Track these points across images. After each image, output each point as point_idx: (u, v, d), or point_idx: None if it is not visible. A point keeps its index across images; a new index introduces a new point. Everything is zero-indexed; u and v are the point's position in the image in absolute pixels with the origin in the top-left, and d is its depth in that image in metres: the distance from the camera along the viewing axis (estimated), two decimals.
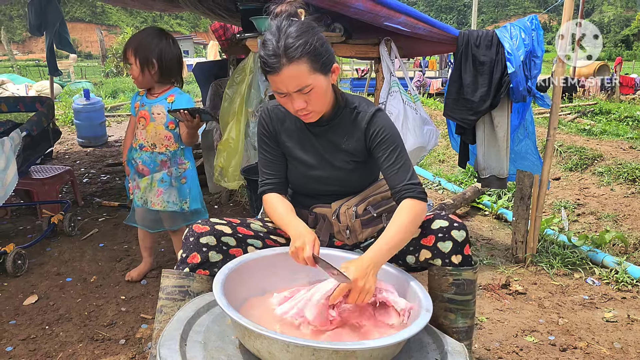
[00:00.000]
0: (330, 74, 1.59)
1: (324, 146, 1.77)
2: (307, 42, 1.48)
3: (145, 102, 2.58)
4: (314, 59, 1.50)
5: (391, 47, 3.13)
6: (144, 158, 2.57)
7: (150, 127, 2.53)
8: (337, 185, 1.80)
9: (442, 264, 1.68)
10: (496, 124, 2.97)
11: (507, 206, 4.07)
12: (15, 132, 3.33)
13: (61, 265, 3.11)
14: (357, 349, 1.36)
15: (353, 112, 1.73)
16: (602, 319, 2.53)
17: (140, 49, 2.44)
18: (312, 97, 1.55)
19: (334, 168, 1.76)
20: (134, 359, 2.13)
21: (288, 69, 1.47)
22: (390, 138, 1.66)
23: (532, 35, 2.85)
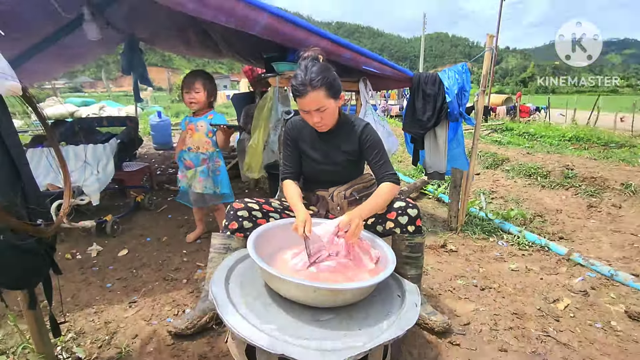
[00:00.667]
0: (338, 99, 1.67)
1: (329, 148, 1.80)
2: (325, 77, 1.57)
3: (192, 120, 2.59)
4: (328, 89, 1.58)
5: (367, 83, 3.11)
6: (191, 156, 2.59)
7: (196, 136, 2.55)
8: (335, 176, 1.83)
9: (401, 232, 1.70)
10: (438, 136, 2.96)
11: (444, 192, 4.07)
12: (113, 140, 3.33)
13: (143, 230, 3.09)
14: (346, 289, 1.36)
15: (350, 125, 1.79)
16: (508, 269, 2.53)
17: (207, 83, 2.52)
18: (325, 115, 1.64)
19: (335, 163, 1.80)
20: (192, 293, 2.12)
21: (311, 94, 1.56)
22: (375, 143, 1.75)
23: (462, 76, 2.83)
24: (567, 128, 10.82)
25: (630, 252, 2.82)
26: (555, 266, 2.58)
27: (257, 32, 2.21)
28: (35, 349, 1.44)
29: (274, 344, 1.20)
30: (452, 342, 1.74)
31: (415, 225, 1.70)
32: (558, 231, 3.23)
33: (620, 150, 7.80)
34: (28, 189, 1.20)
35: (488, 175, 5.04)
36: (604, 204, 3.74)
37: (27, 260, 1.18)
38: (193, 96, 2.49)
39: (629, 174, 4.08)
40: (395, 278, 1.65)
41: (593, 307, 2.08)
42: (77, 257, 2.58)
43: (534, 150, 6.18)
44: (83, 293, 2.12)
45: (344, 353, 1.18)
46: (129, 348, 1.65)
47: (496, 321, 1.92)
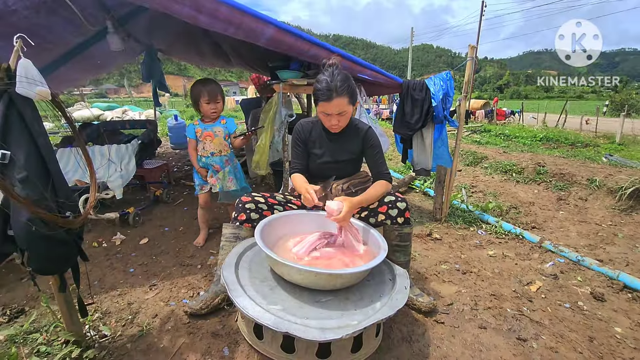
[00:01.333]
0: (355, 105, 1.70)
1: (334, 147, 1.81)
2: (349, 85, 1.60)
3: (206, 127, 2.42)
4: (350, 96, 1.61)
5: (361, 90, 3.08)
6: (216, 160, 2.45)
7: (215, 141, 2.42)
8: (337, 172, 1.83)
9: (391, 223, 1.69)
10: (425, 137, 2.93)
11: (430, 187, 4.05)
12: (134, 140, 3.31)
13: (162, 220, 3.07)
14: (343, 273, 1.35)
15: (355, 128, 1.81)
16: (487, 255, 2.52)
17: (222, 95, 2.44)
18: (343, 118, 1.66)
19: (339, 161, 1.81)
20: (206, 277, 2.11)
21: (336, 100, 1.58)
22: (376, 145, 1.78)
23: (447, 83, 2.80)
24: (538, 130, 10.81)
25: (595, 239, 2.82)
26: (528, 252, 2.57)
27: (262, 43, 2.19)
28: (66, 328, 1.43)
29: (279, 323, 1.19)
30: (437, 320, 1.74)
31: (404, 217, 1.69)
32: (531, 221, 3.22)
33: (586, 149, 7.80)
34: (57, 185, 1.18)
35: (469, 171, 5.02)
36: (572, 197, 3.73)
37: (57, 248, 1.17)
38: (216, 106, 2.37)
39: (593, 170, 4.07)
40: (387, 264, 1.64)
41: (562, 289, 2.07)
42: (103, 245, 2.56)
43: (509, 150, 6.15)
44: (108, 277, 2.11)
45: (341, 330, 1.18)
46: (149, 326, 1.64)
47: (476, 302, 1.92)
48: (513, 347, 1.57)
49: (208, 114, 2.38)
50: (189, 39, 3.58)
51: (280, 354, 1.38)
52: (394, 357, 1.47)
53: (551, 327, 1.72)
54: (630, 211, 3.25)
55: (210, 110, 2.36)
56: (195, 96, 2.35)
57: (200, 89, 2.32)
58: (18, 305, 1.78)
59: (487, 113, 16.44)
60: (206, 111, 2.36)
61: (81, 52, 3.51)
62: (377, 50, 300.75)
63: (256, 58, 3.69)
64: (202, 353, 1.47)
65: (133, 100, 21.81)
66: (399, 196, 1.71)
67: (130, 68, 18.02)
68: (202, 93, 2.31)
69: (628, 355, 1.54)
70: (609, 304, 1.93)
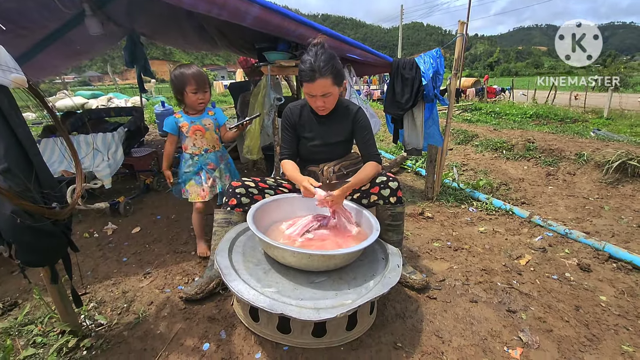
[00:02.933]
0: (341, 86, 1.63)
1: (325, 130, 1.78)
2: (333, 65, 1.53)
3: (193, 120, 2.05)
4: (335, 77, 1.55)
5: (351, 70, 3.03)
6: (212, 158, 2.12)
7: (207, 135, 2.08)
8: (328, 155, 1.81)
9: (384, 203, 1.70)
10: (415, 116, 2.92)
11: (421, 166, 4.07)
12: (121, 128, 3.24)
13: (153, 209, 3.04)
14: (337, 254, 1.36)
15: (345, 109, 1.77)
16: (478, 231, 2.57)
17: (210, 82, 2.08)
18: (328, 100, 1.62)
19: (330, 144, 1.79)
20: (200, 263, 2.11)
21: (319, 81, 1.53)
22: (366, 126, 1.75)
23: (437, 61, 2.76)
24: (528, 106, 10.85)
25: (582, 213, 2.88)
26: (518, 228, 2.62)
27: (248, 23, 2.12)
28: (61, 318, 1.43)
29: (274, 305, 1.21)
30: (430, 296, 1.78)
31: (397, 196, 1.70)
32: (521, 197, 3.27)
33: (575, 125, 7.87)
34: (41, 176, 1.16)
35: (460, 150, 5.05)
36: (561, 172, 3.79)
37: (44, 240, 1.15)
38: (204, 97, 2.01)
39: (582, 145, 4.12)
40: (380, 243, 1.66)
41: (550, 262, 2.13)
42: (95, 236, 2.54)
43: (499, 127, 6.18)
44: (102, 267, 2.10)
45: (335, 310, 1.20)
46: (145, 313, 1.65)
47: (467, 277, 1.96)
48: (503, 318, 1.62)
49: (195, 105, 2.02)
50: (172, 21, 3.46)
51: (276, 334, 1.40)
52: (388, 333, 1.51)
53: (539, 299, 1.77)
54: (616, 184, 3.32)
55: (197, 101, 2.00)
56: (179, 84, 1.95)
57: (185, 76, 1.93)
58: (11, 298, 1.77)
59: (478, 91, 16.41)
60: (193, 102, 2.00)
61: (59, 38, 3.38)
62: (367, 29, 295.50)
63: (242, 40, 3.60)
64: (199, 337, 1.48)
65: (118, 87, 21.22)
66: (390, 176, 1.72)
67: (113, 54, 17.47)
68: (189, 81, 1.93)
69: (612, 321, 1.60)
70: (594, 274, 1.99)
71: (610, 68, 20.86)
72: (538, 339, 1.49)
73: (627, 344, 1.47)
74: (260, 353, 1.39)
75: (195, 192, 2.11)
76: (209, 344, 1.45)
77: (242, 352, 1.40)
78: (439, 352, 1.42)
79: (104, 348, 1.42)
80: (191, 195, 2.11)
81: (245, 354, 1.39)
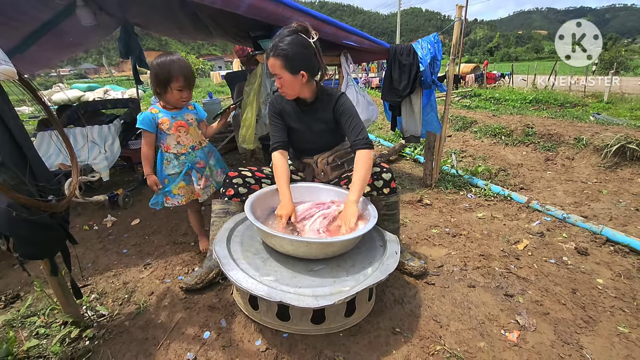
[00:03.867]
0: (298, 75, 1.52)
1: (309, 118, 1.73)
2: (286, 49, 1.46)
3: (175, 115, 1.84)
4: (284, 60, 1.48)
5: (347, 57, 2.99)
6: (200, 155, 1.95)
7: (191, 131, 1.90)
8: (317, 144, 1.77)
9: (377, 194, 1.71)
10: (413, 103, 2.90)
11: (420, 154, 4.06)
12: (117, 120, 3.23)
13: None
14: (334, 241, 1.36)
15: (327, 97, 1.69)
16: (476, 217, 2.57)
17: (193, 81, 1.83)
18: (283, 82, 1.55)
19: (315, 132, 1.73)
20: (199, 253, 2.12)
21: (271, 59, 1.50)
22: (347, 110, 1.65)
23: (435, 47, 2.73)
24: (528, 92, 10.76)
25: (580, 197, 2.88)
26: (516, 213, 2.63)
27: (242, 11, 2.08)
28: (62, 310, 1.44)
29: (273, 293, 1.22)
30: (428, 282, 1.79)
31: (390, 187, 1.69)
32: (519, 183, 3.27)
33: (574, 109, 7.82)
34: (36, 169, 1.15)
35: (458, 136, 5.02)
36: (559, 157, 3.78)
37: (41, 232, 1.15)
38: (189, 95, 1.82)
39: (580, 129, 4.10)
40: (378, 230, 1.66)
41: (548, 246, 2.14)
42: (95, 228, 2.55)
43: (499, 113, 6.13)
44: (102, 259, 2.11)
45: (334, 297, 1.21)
46: (146, 304, 1.66)
47: (465, 262, 1.98)
48: (500, 302, 1.64)
49: (177, 102, 1.82)
50: (166, 10, 3.39)
51: (276, 322, 1.42)
52: (387, 319, 1.53)
53: (537, 282, 1.78)
54: (615, 168, 3.31)
55: (181, 99, 1.80)
56: (163, 78, 1.71)
57: (172, 70, 1.70)
58: (12, 291, 1.79)
59: (477, 77, 16.25)
60: (176, 100, 1.79)
61: (51, 29, 3.33)
62: (365, 16, 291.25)
63: (237, 28, 3.54)
64: (199, 326, 1.50)
65: (114, 79, 21.02)
66: (384, 167, 1.70)
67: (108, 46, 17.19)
68: (175, 77, 1.71)
69: (609, 304, 1.62)
70: (592, 258, 2.00)
71: (611, 51, 20.62)
72: (535, 322, 1.50)
73: (622, 325, 1.48)
74: (261, 340, 1.41)
75: (189, 192, 1.95)
76: (209, 332, 1.46)
77: (243, 340, 1.42)
78: (437, 336, 1.43)
79: (106, 338, 1.44)
80: (184, 197, 1.94)
81: (245, 341, 1.41)
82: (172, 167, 1.90)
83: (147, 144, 1.85)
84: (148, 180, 1.87)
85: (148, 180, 1.87)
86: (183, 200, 1.94)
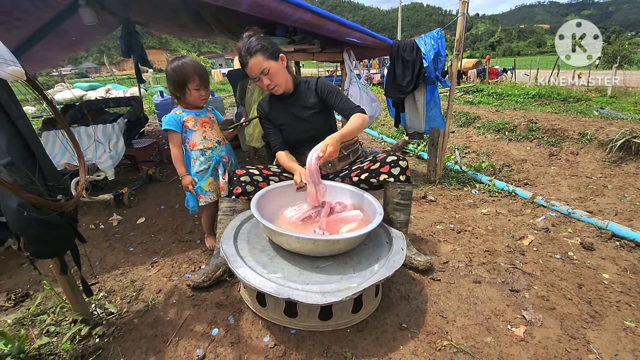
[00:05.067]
0: (279, 60, 1.66)
1: (295, 110, 1.80)
2: (258, 43, 1.58)
3: (198, 113, 1.91)
4: (264, 52, 1.59)
5: (350, 53, 2.99)
6: (225, 150, 1.99)
7: (215, 127, 1.97)
8: (310, 132, 1.81)
9: (394, 180, 1.73)
10: (417, 99, 2.89)
11: (423, 150, 4.05)
12: (120, 119, 3.23)
13: (157, 199, 3.06)
14: (341, 238, 1.37)
15: (305, 84, 1.80)
16: (481, 213, 2.57)
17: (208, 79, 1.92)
18: (272, 76, 1.64)
19: (305, 121, 1.80)
20: (205, 251, 2.14)
21: (251, 60, 1.59)
22: (332, 88, 1.75)
23: (438, 42, 2.72)
24: (531, 87, 10.69)
25: (585, 192, 2.88)
26: (521, 209, 2.63)
27: (245, 9, 2.08)
28: (72, 308, 1.46)
29: (281, 290, 1.22)
30: (434, 278, 1.80)
31: (406, 175, 1.74)
32: (523, 178, 3.27)
33: (578, 104, 7.77)
34: (45, 168, 1.16)
35: (462, 132, 5.01)
36: (563, 152, 3.77)
37: (52, 231, 1.16)
38: (206, 93, 1.88)
39: (585, 124, 4.08)
40: (384, 227, 1.67)
41: (553, 242, 2.14)
42: (101, 227, 2.56)
43: (502, 108, 6.11)
44: (109, 257, 2.13)
45: (341, 293, 1.21)
46: (154, 301, 1.68)
47: (471, 258, 1.98)
48: (506, 298, 1.64)
49: (197, 102, 1.89)
50: (168, 9, 3.39)
51: (283, 318, 1.43)
52: (393, 315, 1.54)
53: (542, 278, 1.79)
54: (620, 162, 3.30)
55: (200, 98, 1.87)
56: (181, 80, 1.78)
57: (187, 71, 1.77)
58: (22, 289, 1.80)
59: (479, 72, 16.17)
60: (195, 99, 1.86)
61: (54, 29, 3.33)
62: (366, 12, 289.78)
63: (239, 26, 3.53)
64: (208, 323, 1.51)
65: (115, 78, 21.02)
66: (400, 156, 1.76)
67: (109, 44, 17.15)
68: (191, 77, 1.78)
69: (615, 298, 1.62)
70: (597, 253, 2.00)
71: (614, 44, 20.45)
72: (541, 317, 1.51)
73: (629, 319, 1.49)
74: (269, 337, 1.42)
75: (217, 187, 1.92)
76: (218, 329, 1.48)
77: (251, 336, 1.43)
78: (443, 331, 1.44)
79: (116, 335, 1.46)
80: (214, 192, 1.94)
81: (253, 337, 1.42)
82: (199, 164, 1.92)
83: (174, 145, 1.89)
84: (183, 181, 1.91)
85: (183, 181, 1.91)
86: (214, 196, 1.95)
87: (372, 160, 1.77)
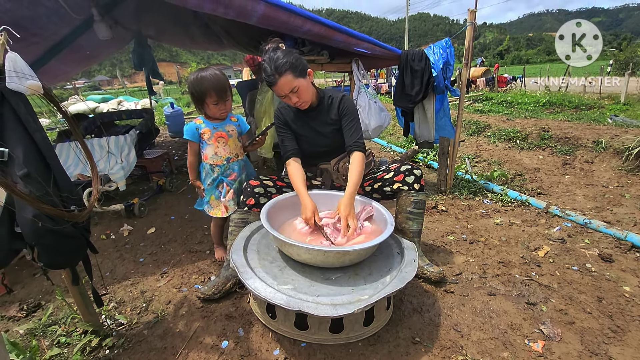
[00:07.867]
0: (307, 76, 1.63)
1: (316, 124, 1.78)
2: (287, 61, 1.54)
3: (216, 126, 1.89)
4: (293, 70, 1.55)
5: (359, 64, 3.01)
6: (234, 167, 1.95)
7: (231, 142, 1.93)
8: (328, 147, 1.81)
9: (408, 189, 1.73)
10: (426, 109, 2.89)
11: (433, 159, 4.02)
12: (132, 130, 3.29)
13: (167, 209, 3.09)
14: (351, 250, 1.36)
15: (329, 99, 1.77)
16: (494, 224, 2.53)
17: (231, 88, 1.89)
18: (301, 93, 1.61)
19: (324, 136, 1.79)
20: (215, 262, 2.14)
21: (281, 80, 1.54)
22: (352, 111, 1.73)
23: (447, 51, 2.72)
24: (541, 94, 10.60)
25: (602, 202, 2.81)
26: (535, 219, 2.58)
27: (254, 22, 2.12)
28: (83, 319, 1.46)
29: (291, 302, 1.21)
30: (447, 290, 1.76)
31: (420, 184, 1.74)
32: (537, 187, 3.21)
33: (591, 112, 7.67)
34: (59, 180, 1.18)
35: (472, 141, 4.97)
36: (578, 161, 3.70)
37: (65, 242, 1.17)
38: (225, 106, 1.86)
39: (599, 132, 4.01)
40: (395, 238, 1.65)
41: (570, 253, 2.09)
42: (111, 237, 2.59)
43: (512, 117, 6.06)
44: (119, 268, 2.14)
45: (352, 306, 1.20)
46: (164, 312, 1.68)
47: (484, 270, 1.94)
48: (523, 311, 1.60)
49: (217, 115, 1.88)
50: (178, 22, 3.48)
51: (294, 331, 1.41)
52: (406, 328, 1.51)
53: (560, 290, 1.74)
54: (637, 171, 3.22)
55: (219, 112, 1.86)
56: (200, 95, 1.79)
57: (205, 88, 1.75)
58: (34, 300, 1.82)
59: (488, 81, 16.10)
60: (214, 113, 1.86)
61: (69, 44, 3.44)
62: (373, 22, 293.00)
63: (249, 38, 3.60)
64: (217, 335, 1.50)
65: (127, 90, 21.52)
66: (414, 165, 1.78)
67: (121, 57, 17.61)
68: (208, 93, 1.76)
69: (637, 312, 1.56)
70: (617, 264, 1.95)
71: (626, 51, 20.21)
72: (560, 332, 1.46)
73: None
74: (279, 350, 1.40)
75: (217, 208, 1.97)
76: (227, 341, 1.46)
77: (261, 349, 1.41)
78: (458, 346, 1.40)
79: (126, 347, 1.46)
80: (214, 209, 1.98)
81: (263, 350, 1.41)
82: (209, 177, 1.96)
83: (190, 153, 1.95)
84: (194, 185, 2.01)
85: (194, 184, 2.01)
86: (219, 213, 1.96)
87: (386, 170, 1.78)
